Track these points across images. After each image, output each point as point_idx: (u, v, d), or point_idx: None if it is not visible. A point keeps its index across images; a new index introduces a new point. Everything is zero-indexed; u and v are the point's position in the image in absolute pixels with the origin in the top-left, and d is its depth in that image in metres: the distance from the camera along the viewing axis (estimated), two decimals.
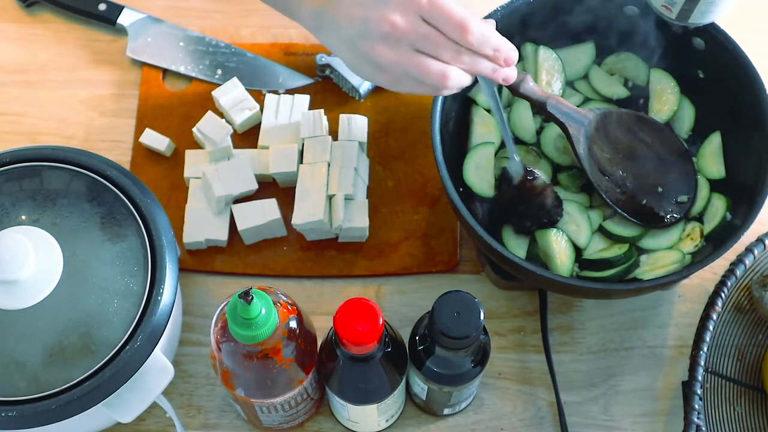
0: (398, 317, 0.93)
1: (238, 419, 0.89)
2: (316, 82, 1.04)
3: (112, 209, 0.82)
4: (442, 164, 0.85)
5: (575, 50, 0.97)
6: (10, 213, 0.81)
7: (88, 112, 1.03)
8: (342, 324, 0.71)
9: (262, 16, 1.09)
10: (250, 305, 0.68)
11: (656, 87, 0.95)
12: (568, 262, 0.88)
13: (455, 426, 0.90)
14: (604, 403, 0.91)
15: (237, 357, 0.75)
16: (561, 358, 0.92)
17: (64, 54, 1.06)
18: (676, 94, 0.95)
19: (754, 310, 0.91)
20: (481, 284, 0.95)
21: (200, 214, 0.95)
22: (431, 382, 0.80)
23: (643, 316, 0.94)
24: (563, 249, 0.88)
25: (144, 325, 0.78)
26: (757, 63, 0.88)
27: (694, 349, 0.86)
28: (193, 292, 0.95)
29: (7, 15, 1.08)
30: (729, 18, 0.92)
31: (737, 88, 0.89)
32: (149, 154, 1.00)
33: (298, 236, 0.96)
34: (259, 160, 0.97)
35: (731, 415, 0.88)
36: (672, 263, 0.87)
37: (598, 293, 0.89)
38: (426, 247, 0.96)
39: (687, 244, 0.89)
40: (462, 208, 0.83)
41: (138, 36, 1.05)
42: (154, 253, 0.81)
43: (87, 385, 0.76)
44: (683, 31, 0.91)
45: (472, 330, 0.73)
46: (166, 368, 0.80)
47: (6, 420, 0.75)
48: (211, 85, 1.03)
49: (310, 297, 0.94)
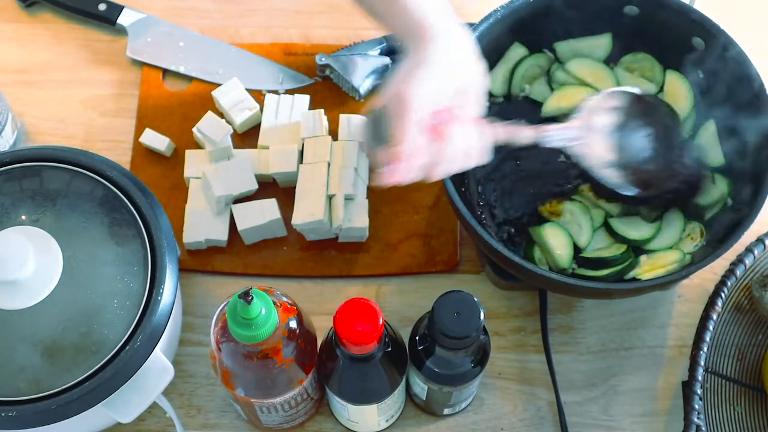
0: (398, 317, 0.93)
1: (238, 419, 0.89)
2: (316, 82, 1.04)
3: (112, 209, 0.82)
4: None
5: (592, 41, 0.96)
6: (10, 213, 0.81)
7: (88, 112, 1.03)
8: (342, 324, 0.71)
9: (262, 16, 1.09)
10: (250, 305, 0.68)
11: (670, 89, 0.95)
12: (567, 255, 0.89)
13: (455, 426, 0.90)
14: (604, 403, 0.91)
15: (237, 357, 0.75)
16: (561, 358, 0.92)
17: (64, 54, 1.06)
18: (689, 98, 0.94)
19: (754, 310, 0.91)
20: (481, 284, 0.95)
21: (200, 214, 0.95)
22: (431, 382, 0.80)
23: (643, 316, 0.94)
24: (562, 243, 0.89)
25: (144, 325, 0.78)
26: (758, 63, 0.88)
27: (694, 349, 0.86)
28: (193, 292, 0.95)
29: (7, 15, 1.08)
30: (729, 18, 0.92)
31: (737, 87, 0.89)
32: (149, 154, 1.00)
33: (298, 236, 0.96)
34: (259, 160, 0.97)
35: (731, 415, 0.88)
36: (672, 263, 0.87)
37: (598, 293, 0.89)
38: (426, 247, 0.96)
39: (687, 244, 0.89)
40: (462, 208, 0.83)
41: (138, 36, 1.05)
42: (154, 253, 0.81)
43: (87, 385, 0.76)
44: (683, 31, 0.91)
45: (472, 330, 0.73)
46: (166, 368, 0.80)
47: (6, 420, 0.75)
48: (211, 85, 1.03)
49: (310, 297, 0.94)
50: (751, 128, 0.87)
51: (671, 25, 0.92)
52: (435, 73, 0.73)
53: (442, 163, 0.75)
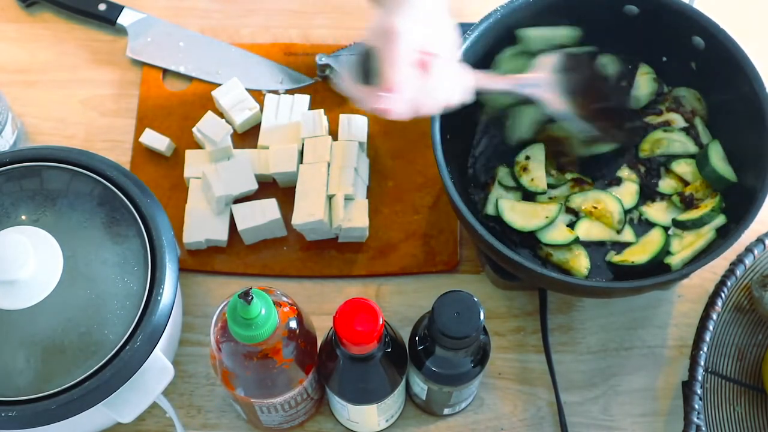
0: (398, 317, 0.93)
1: (238, 419, 0.89)
2: (316, 82, 1.04)
3: (112, 209, 0.82)
4: (442, 164, 0.85)
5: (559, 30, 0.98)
6: (10, 213, 0.81)
7: (88, 112, 1.03)
8: (342, 324, 0.71)
9: (262, 16, 1.09)
10: (250, 305, 0.68)
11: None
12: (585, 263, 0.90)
13: (455, 426, 0.90)
14: (604, 403, 0.91)
15: (237, 357, 0.75)
16: (561, 358, 0.92)
17: (64, 54, 1.06)
18: (704, 110, 0.96)
19: (754, 310, 0.91)
20: (481, 284, 0.95)
21: (200, 214, 0.95)
22: (431, 382, 0.80)
23: (643, 316, 0.94)
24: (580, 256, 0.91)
25: (144, 325, 0.78)
26: (758, 63, 0.88)
27: (694, 349, 0.86)
28: (193, 292, 0.95)
29: (7, 15, 1.08)
30: (729, 18, 0.92)
31: (737, 87, 0.89)
32: (149, 154, 1.00)
33: (298, 236, 0.96)
34: (259, 160, 0.97)
35: (731, 415, 0.88)
36: (700, 239, 0.88)
37: (598, 293, 0.89)
38: (426, 247, 0.96)
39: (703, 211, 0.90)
40: (462, 208, 0.83)
41: (138, 36, 1.05)
42: (154, 253, 0.81)
43: (87, 385, 0.76)
44: (683, 31, 0.91)
45: (472, 330, 0.73)
46: (166, 368, 0.80)
47: (6, 420, 0.75)
48: (211, 85, 1.03)
49: (310, 297, 0.94)
50: (751, 128, 0.87)
51: (671, 25, 0.92)
52: (418, 8, 0.77)
53: (428, 99, 0.78)
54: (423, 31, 0.77)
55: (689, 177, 0.93)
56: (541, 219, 0.91)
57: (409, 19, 0.76)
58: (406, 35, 0.75)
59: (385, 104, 0.75)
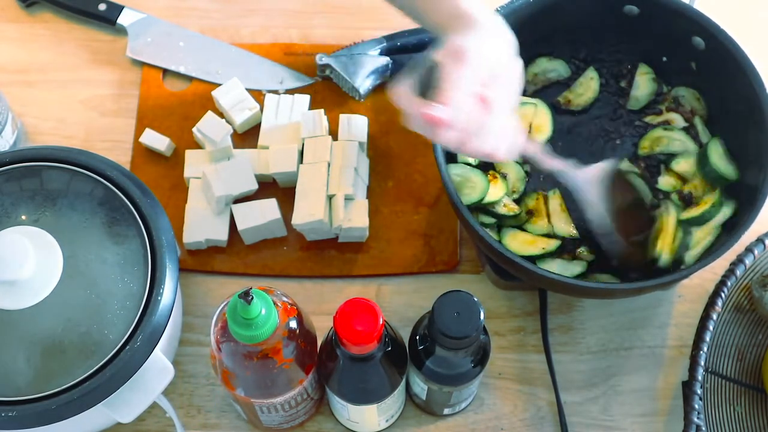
0: (398, 317, 0.93)
1: (238, 419, 0.89)
2: (316, 82, 1.04)
3: (112, 209, 0.82)
4: (442, 164, 0.85)
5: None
6: (10, 213, 0.81)
7: (88, 112, 1.03)
8: (342, 324, 0.71)
9: (262, 16, 1.09)
10: (250, 305, 0.68)
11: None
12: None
13: (455, 426, 0.90)
14: (604, 403, 0.91)
15: (237, 357, 0.75)
16: (561, 358, 0.92)
17: (64, 54, 1.06)
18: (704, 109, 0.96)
19: (754, 310, 0.91)
20: (481, 284, 0.95)
21: (200, 214, 0.95)
22: (431, 382, 0.80)
23: (643, 316, 0.94)
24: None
25: (144, 325, 0.78)
26: (758, 63, 0.88)
27: (694, 349, 0.86)
28: (193, 292, 0.95)
29: (7, 15, 1.08)
30: (729, 18, 0.92)
31: (737, 87, 0.89)
32: (149, 154, 1.00)
33: (298, 236, 0.96)
34: (259, 160, 0.97)
35: (731, 415, 0.88)
36: (708, 232, 0.88)
37: (599, 293, 0.89)
38: (426, 247, 0.96)
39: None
40: (462, 208, 0.83)
41: (138, 36, 1.05)
42: (154, 253, 0.81)
43: (87, 385, 0.76)
44: (683, 31, 0.91)
45: (472, 330, 0.73)
46: (166, 368, 0.80)
47: (6, 420, 0.75)
48: (211, 85, 1.03)
49: (310, 297, 0.94)
50: (751, 128, 0.87)
51: (671, 25, 0.92)
52: (490, 39, 0.76)
53: (477, 137, 0.75)
54: (497, 56, 0.75)
55: (689, 175, 0.93)
56: (537, 249, 0.90)
57: (487, 42, 0.75)
58: (477, 59, 0.73)
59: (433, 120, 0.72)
